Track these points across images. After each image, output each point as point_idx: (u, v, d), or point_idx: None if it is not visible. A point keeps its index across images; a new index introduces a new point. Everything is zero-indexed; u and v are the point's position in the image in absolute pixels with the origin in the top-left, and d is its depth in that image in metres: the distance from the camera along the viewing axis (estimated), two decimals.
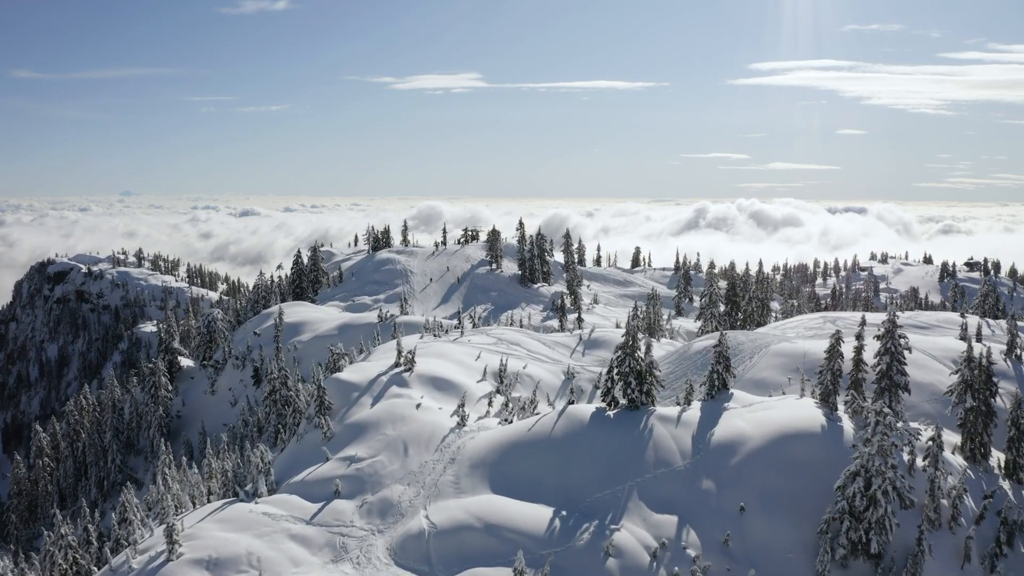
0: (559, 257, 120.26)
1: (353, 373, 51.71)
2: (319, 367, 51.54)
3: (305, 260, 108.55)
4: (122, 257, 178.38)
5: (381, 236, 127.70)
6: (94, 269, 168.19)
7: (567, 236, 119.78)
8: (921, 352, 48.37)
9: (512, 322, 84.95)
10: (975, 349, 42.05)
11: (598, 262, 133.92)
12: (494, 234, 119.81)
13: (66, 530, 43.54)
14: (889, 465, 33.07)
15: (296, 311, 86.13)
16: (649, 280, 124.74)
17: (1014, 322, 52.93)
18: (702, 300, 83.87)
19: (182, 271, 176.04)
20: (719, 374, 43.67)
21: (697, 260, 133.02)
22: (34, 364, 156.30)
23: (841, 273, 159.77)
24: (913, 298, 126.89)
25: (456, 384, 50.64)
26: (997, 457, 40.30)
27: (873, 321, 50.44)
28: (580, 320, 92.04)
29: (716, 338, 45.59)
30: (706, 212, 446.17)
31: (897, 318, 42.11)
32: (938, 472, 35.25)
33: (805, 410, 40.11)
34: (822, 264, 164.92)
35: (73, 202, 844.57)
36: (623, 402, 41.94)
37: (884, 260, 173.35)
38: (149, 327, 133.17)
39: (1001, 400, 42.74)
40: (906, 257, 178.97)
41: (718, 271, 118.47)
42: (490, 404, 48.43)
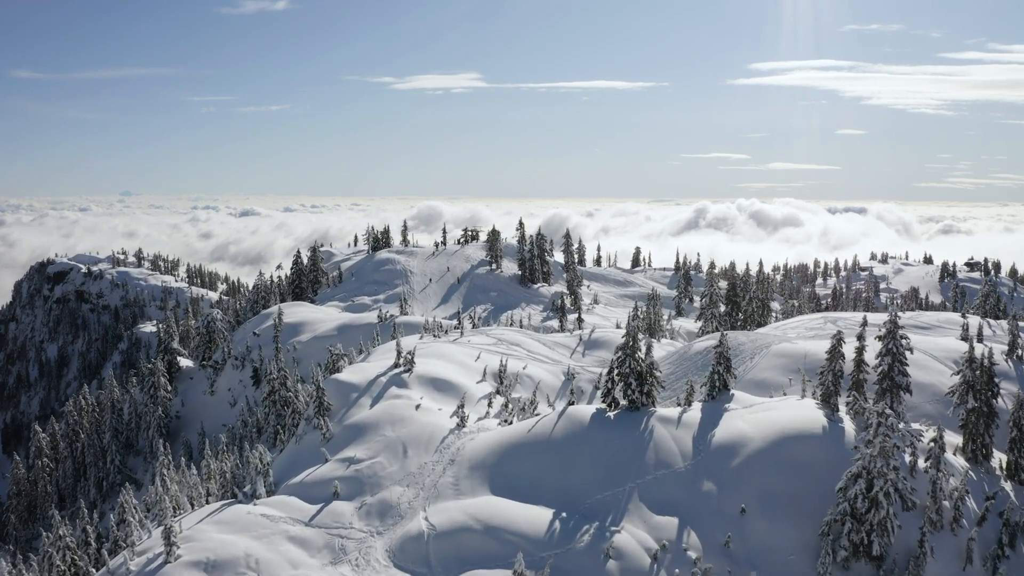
0: (559, 257, 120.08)
1: (352, 374, 51.53)
2: (318, 368, 51.40)
3: (305, 260, 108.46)
4: (122, 257, 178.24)
5: (381, 236, 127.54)
6: (94, 269, 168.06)
7: (567, 236, 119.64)
8: (922, 353, 48.21)
9: (512, 322, 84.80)
10: (976, 350, 41.89)
11: (598, 262, 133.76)
12: (494, 234, 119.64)
13: (64, 531, 43.38)
14: (891, 467, 32.92)
15: (295, 311, 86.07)
16: (649, 280, 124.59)
17: (1015, 322, 52.74)
18: (702, 300, 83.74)
19: (182, 271, 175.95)
20: (720, 375, 43.51)
21: (697, 260, 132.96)
22: (34, 364, 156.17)
23: (841, 273, 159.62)
24: (913, 298, 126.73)
25: (456, 385, 50.47)
26: (999, 458, 40.16)
27: (874, 321, 50.31)
28: (580, 320, 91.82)
29: (717, 339, 45.42)
30: (706, 212, 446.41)
31: (899, 319, 41.96)
32: (940, 474, 35.10)
33: (806, 411, 39.96)
34: (822, 264, 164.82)
35: (73, 202, 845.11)
36: (623, 403, 41.79)
37: (884, 260, 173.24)
38: (149, 327, 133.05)
39: (1003, 401, 42.61)
40: (906, 257, 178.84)
41: (718, 271, 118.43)
42: (490, 405, 48.23)
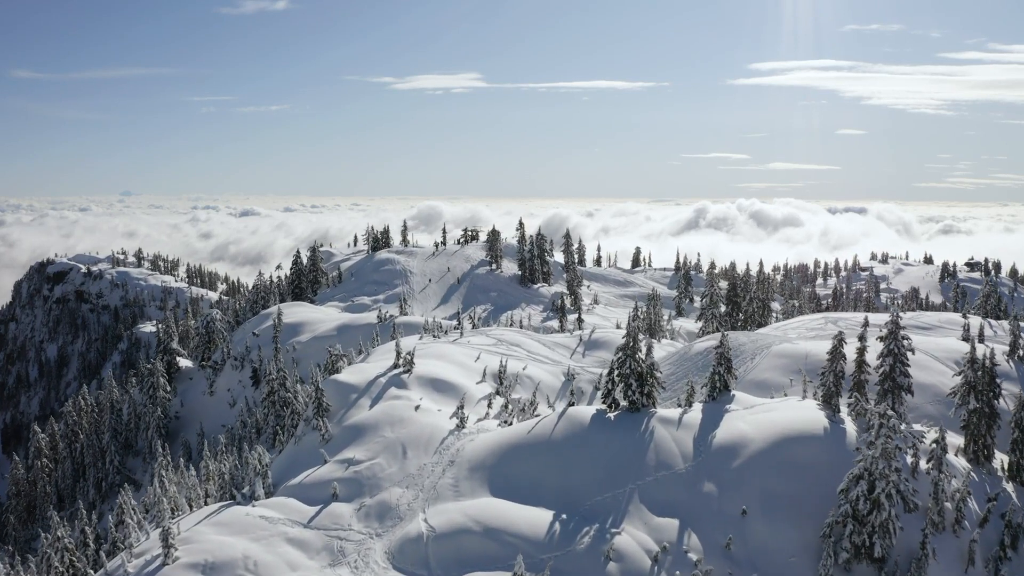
0: (559, 257, 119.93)
1: (351, 374, 51.35)
2: (317, 368, 51.25)
3: (304, 260, 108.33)
4: (121, 257, 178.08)
5: (380, 236, 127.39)
6: (93, 269, 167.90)
7: (567, 236, 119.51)
8: (923, 353, 48.04)
9: (512, 323, 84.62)
10: (978, 350, 41.73)
11: (598, 262, 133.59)
12: (494, 234, 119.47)
13: (63, 532, 43.20)
14: (893, 468, 32.75)
15: (295, 311, 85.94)
16: (649, 280, 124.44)
17: (1017, 323, 52.53)
18: (703, 301, 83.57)
19: (181, 271, 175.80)
20: (720, 375, 43.34)
21: (697, 260, 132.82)
22: (33, 364, 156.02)
23: (842, 273, 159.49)
24: (914, 298, 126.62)
25: (455, 385, 50.29)
26: (1000, 459, 39.99)
27: (875, 322, 50.12)
28: (580, 321, 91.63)
29: (717, 339, 45.24)
30: (706, 212, 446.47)
31: (900, 319, 41.80)
32: (942, 475, 34.94)
33: (807, 412, 39.79)
34: (822, 264, 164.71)
35: (73, 202, 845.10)
36: (624, 404, 41.62)
37: (884, 260, 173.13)
38: (148, 327, 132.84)
39: (1004, 402, 42.46)
40: (906, 257, 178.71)
41: (718, 271, 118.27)
42: (489, 406, 48.05)
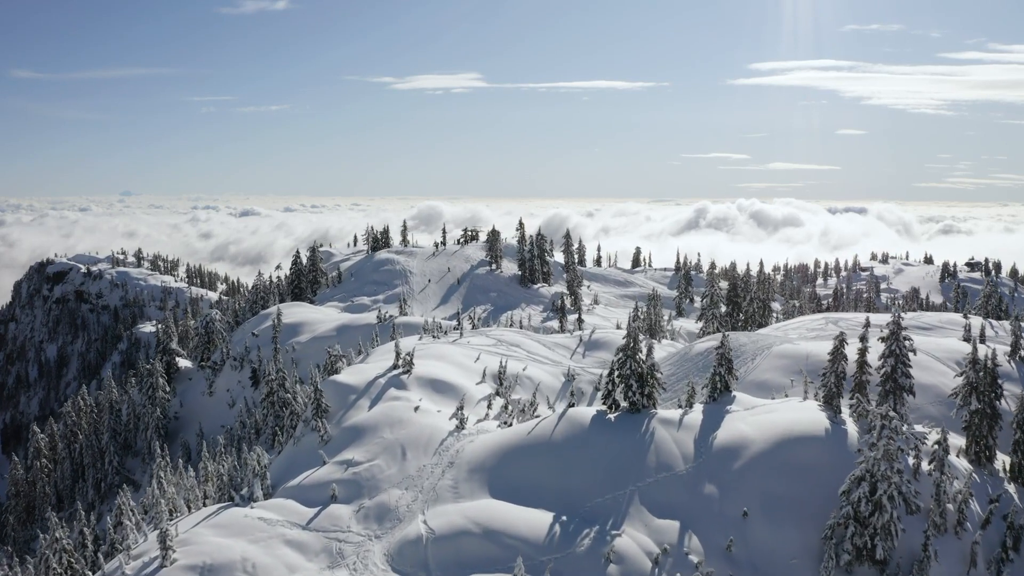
0: (559, 257, 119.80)
1: (351, 375, 51.20)
2: (316, 369, 51.06)
3: (304, 260, 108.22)
4: (121, 257, 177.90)
5: (380, 236, 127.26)
6: (93, 269, 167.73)
7: (567, 236, 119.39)
8: (925, 354, 47.86)
9: (512, 323, 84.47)
10: (980, 351, 41.56)
11: (598, 262, 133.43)
12: (494, 234, 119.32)
13: (61, 533, 42.98)
14: (895, 469, 32.58)
15: (295, 312, 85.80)
16: (650, 280, 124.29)
17: (1018, 323, 52.32)
18: (703, 301, 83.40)
19: (181, 271, 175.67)
20: (721, 376, 43.15)
21: (698, 260, 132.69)
22: (33, 364, 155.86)
23: (842, 273, 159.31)
24: (914, 298, 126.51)
25: (455, 386, 50.12)
26: (1002, 460, 39.79)
27: (876, 322, 49.94)
28: (580, 321, 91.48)
29: (718, 339, 45.07)
30: (706, 212, 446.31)
31: (902, 319, 41.61)
32: (944, 476, 34.75)
33: (808, 413, 39.62)
34: (823, 264, 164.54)
35: (73, 202, 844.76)
36: (624, 405, 41.44)
37: (885, 260, 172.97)
38: (148, 327, 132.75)
39: (1006, 403, 42.25)
40: (907, 257, 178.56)
41: (719, 271, 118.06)
42: (489, 407, 47.87)
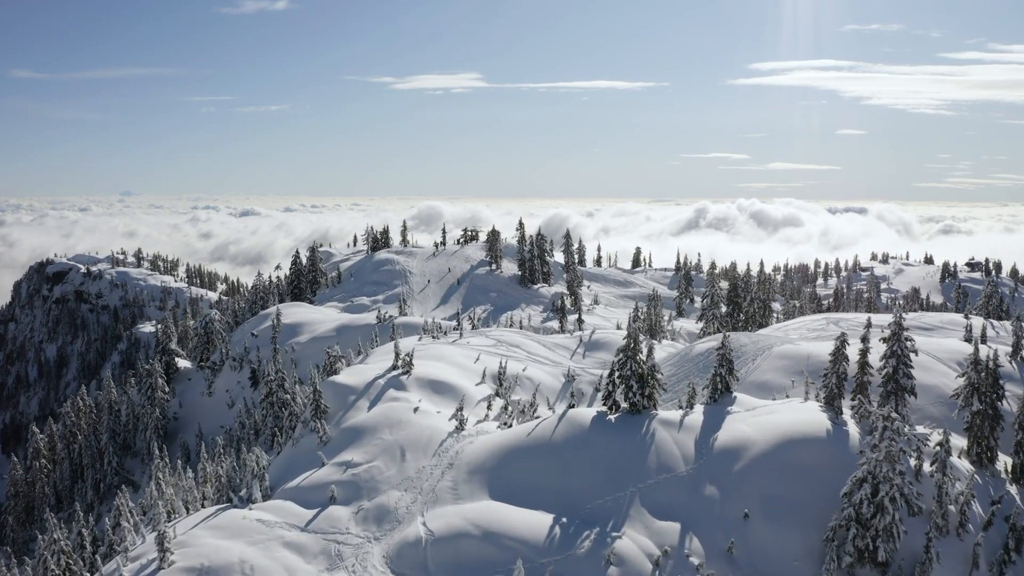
0: (559, 257, 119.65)
1: (350, 376, 51.02)
2: (316, 369, 50.88)
3: (303, 260, 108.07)
4: (121, 257, 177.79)
5: (380, 236, 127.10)
6: (93, 269, 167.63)
7: (567, 236, 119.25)
8: (926, 354, 47.69)
9: (512, 323, 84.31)
10: (981, 351, 41.38)
11: (598, 262, 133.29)
12: (494, 234, 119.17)
13: (59, 535, 42.86)
14: (897, 471, 32.41)
15: (294, 312, 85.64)
16: (650, 281, 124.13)
17: (1019, 324, 52.14)
18: (704, 301, 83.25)
19: (181, 271, 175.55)
20: (722, 377, 42.97)
21: (698, 260, 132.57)
22: (33, 364, 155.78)
23: (842, 273, 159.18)
24: (915, 298, 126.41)
25: (455, 387, 49.95)
26: (1004, 461, 39.62)
27: (877, 322, 49.80)
28: (580, 321, 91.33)
29: (719, 340, 44.91)
30: (706, 212, 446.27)
31: (903, 320, 41.44)
32: (946, 478, 34.57)
33: (810, 414, 39.44)
34: (823, 264, 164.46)
35: (73, 202, 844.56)
36: (624, 406, 41.26)
37: (885, 260, 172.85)
38: (148, 327, 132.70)
39: (1007, 403, 42.03)
40: (907, 257, 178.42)
41: (719, 271, 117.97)
42: (489, 408, 47.73)
